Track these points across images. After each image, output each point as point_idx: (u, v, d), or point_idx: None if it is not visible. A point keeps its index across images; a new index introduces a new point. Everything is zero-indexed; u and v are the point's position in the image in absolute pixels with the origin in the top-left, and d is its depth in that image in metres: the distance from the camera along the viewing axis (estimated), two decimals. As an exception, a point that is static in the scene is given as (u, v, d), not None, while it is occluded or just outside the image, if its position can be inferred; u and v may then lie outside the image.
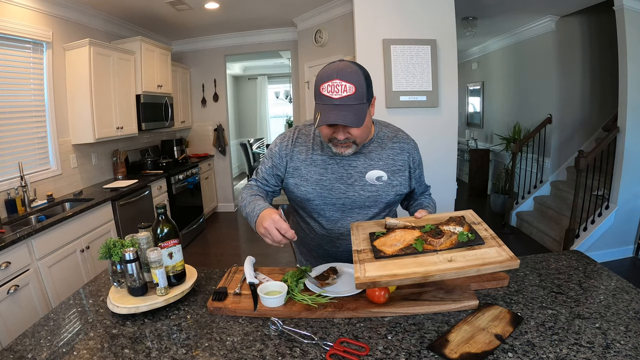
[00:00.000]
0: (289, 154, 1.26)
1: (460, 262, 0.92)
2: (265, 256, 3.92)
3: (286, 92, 8.29)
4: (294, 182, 1.25)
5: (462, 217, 1.11)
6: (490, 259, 0.91)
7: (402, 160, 1.26)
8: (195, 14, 3.97)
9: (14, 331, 1.90)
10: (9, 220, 2.42)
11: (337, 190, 1.23)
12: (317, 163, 1.23)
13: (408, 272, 0.91)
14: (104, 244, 1.09)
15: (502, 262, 0.89)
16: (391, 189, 1.24)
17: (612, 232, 3.32)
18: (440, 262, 0.93)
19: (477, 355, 0.82)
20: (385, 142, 1.26)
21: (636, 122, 3.15)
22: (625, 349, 0.82)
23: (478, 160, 5.82)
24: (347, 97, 1.04)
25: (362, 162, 1.23)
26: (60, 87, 3.10)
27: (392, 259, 0.97)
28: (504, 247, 0.95)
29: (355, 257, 1.01)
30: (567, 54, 4.28)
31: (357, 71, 1.06)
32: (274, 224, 1.08)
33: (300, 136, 1.28)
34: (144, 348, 0.92)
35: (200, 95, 5.40)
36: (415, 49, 2.88)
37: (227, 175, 5.64)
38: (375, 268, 0.95)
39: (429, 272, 0.90)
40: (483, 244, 0.98)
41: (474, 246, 0.97)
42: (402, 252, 0.99)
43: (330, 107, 1.04)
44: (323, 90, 1.05)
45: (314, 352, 0.87)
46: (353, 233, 1.14)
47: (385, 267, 0.94)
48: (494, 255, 0.92)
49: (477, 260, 0.91)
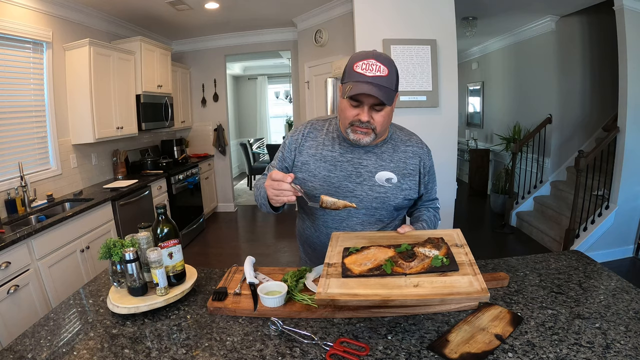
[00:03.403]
0: (298, 148, 1.26)
1: (426, 289, 0.87)
2: (265, 256, 3.92)
3: (286, 92, 8.29)
4: (302, 177, 1.25)
5: (441, 238, 1.06)
6: (458, 289, 0.86)
7: (413, 164, 1.24)
8: (195, 14, 3.97)
9: (14, 331, 1.90)
10: (9, 220, 2.42)
11: (345, 189, 1.21)
12: (326, 159, 1.22)
13: (369, 293, 0.88)
14: (104, 244, 1.09)
15: (470, 294, 0.84)
16: (400, 192, 1.23)
17: (612, 232, 3.32)
18: (406, 286, 0.89)
19: (477, 355, 0.82)
20: (399, 144, 1.25)
21: (636, 122, 3.15)
22: (625, 349, 0.82)
23: (478, 160, 5.82)
24: (380, 78, 1.05)
25: (372, 162, 1.22)
26: (60, 87, 3.10)
27: (358, 278, 0.94)
28: (477, 277, 0.90)
29: (324, 270, 0.99)
30: (567, 54, 4.28)
31: (391, 60, 1.09)
32: (271, 179, 1.06)
33: (312, 131, 1.28)
34: (144, 348, 0.92)
35: (200, 95, 5.40)
36: (415, 49, 2.88)
37: (227, 175, 5.64)
38: (339, 285, 0.92)
39: (390, 295, 0.86)
40: (457, 270, 0.93)
41: (447, 272, 0.93)
42: (370, 272, 0.96)
43: (363, 83, 1.04)
44: (357, 67, 1.06)
45: (314, 352, 0.87)
46: (331, 244, 1.12)
47: (347, 285, 0.92)
48: (463, 285, 0.87)
49: (443, 289, 0.87)
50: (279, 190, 1.05)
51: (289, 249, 4.15)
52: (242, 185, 7.75)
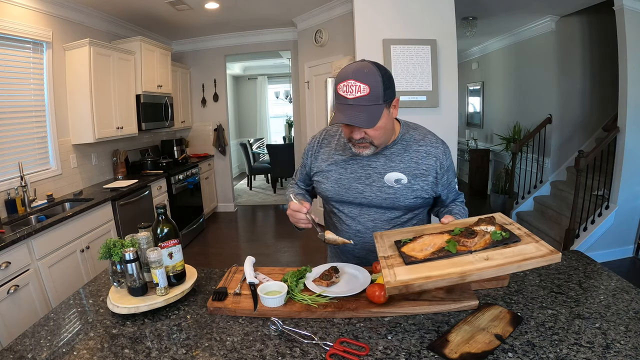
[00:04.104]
0: (314, 155, 1.35)
1: (499, 260, 0.87)
2: (265, 256, 3.92)
3: (286, 92, 8.28)
4: (317, 180, 1.34)
5: (492, 217, 1.06)
6: (529, 254, 0.86)
7: (426, 164, 1.22)
8: (195, 14, 3.97)
9: (14, 331, 1.90)
10: (9, 220, 2.42)
11: (354, 190, 1.25)
12: (337, 163, 1.28)
13: (443, 273, 0.86)
14: (104, 244, 1.09)
15: (544, 257, 0.85)
16: (410, 193, 1.22)
17: (612, 232, 3.32)
18: (477, 261, 0.89)
19: (477, 355, 0.82)
20: (411, 144, 1.24)
21: (636, 122, 3.15)
22: (625, 349, 0.82)
23: (478, 160, 5.82)
24: (361, 98, 1.05)
25: (381, 164, 1.23)
26: (60, 87, 3.10)
27: (424, 263, 0.92)
28: (541, 243, 0.90)
29: (382, 262, 0.97)
30: (567, 54, 4.28)
31: (374, 72, 1.07)
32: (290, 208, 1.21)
33: (327, 137, 1.35)
34: (144, 348, 0.92)
35: (200, 95, 5.40)
36: (415, 49, 2.88)
37: (227, 175, 5.64)
38: (407, 271, 0.90)
39: (465, 271, 0.85)
40: (519, 241, 0.93)
41: (510, 244, 0.93)
42: (435, 255, 0.94)
43: (344, 107, 1.07)
44: (339, 89, 1.08)
45: (314, 352, 0.87)
46: (377, 242, 1.10)
47: (417, 270, 0.90)
48: (532, 251, 0.88)
49: (516, 257, 0.86)
50: (297, 219, 1.19)
51: (289, 249, 4.15)
52: (242, 185, 7.75)
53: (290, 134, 8.12)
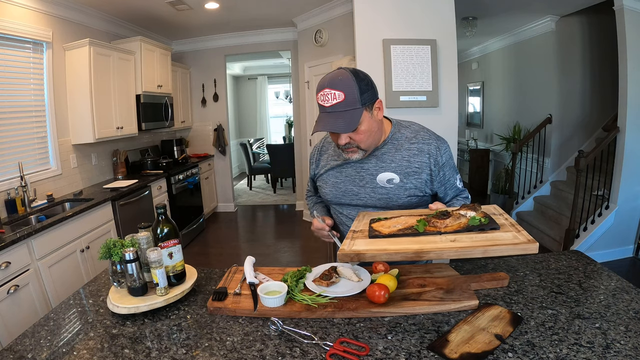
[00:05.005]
0: (316, 162, 1.43)
1: (465, 242, 0.82)
2: (265, 256, 3.92)
3: (286, 92, 8.28)
4: (319, 185, 1.42)
5: (477, 204, 1.02)
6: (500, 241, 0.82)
7: (419, 161, 1.22)
8: (195, 14, 3.97)
9: (14, 331, 1.90)
10: (9, 220, 2.42)
11: (350, 193, 1.29)
12: (334, 168, 1.33)
13: (399, 247, 0.83)
14: (104, 244, 1.09)
15: (517, 244, 0.80)
16: (403, 192, 1.23)
17: (612, 232, 3.32)
18: (442, 242, 0.85)
19: (477, 355, 0.82)
20: (402, 143, 1.25)
21: (636, 122, 3.15)
22: (625, 349, 0.82)
23: (478, 160, 5.82)
24: (337, 105, 1.08)
25: (373, 165, 1.25)
26: (60, 87, 3.10)
27: (387, 238, 0.90)
28: (522, 232, 0.85)
29: (349, 234, 0.98)
30: (567, 54, 4.28)
31: (348, 78, 1.09)
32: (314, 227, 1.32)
33: (326, 144, 1.41)
34: (144, 348, 0.92)
35: (200, 95, 5.40)
36: (415, 49, 2.88)
37: (227, 175, 5.64)
38: (365, 243, 0.88)
39: (423, 249, 0.81)
40: (498, 228, 0.88)
41: (487, 230, 0.88)
42: (400, 232, 0.91)
43: (323, 115, 1.12)
44: (318, 100, 1.13)
45: (314, 352, 0.87)
46: (357, 219, 1.14)
47: (376, 243, 0.87)
48: (508, 238, 0.83)
49: (485, 242, 0.82)
50: (320, 235, 1.32)
51: (289, 249, 4.15)
52: (242, 185, 7.75)
53: (290, 134, 8.12)
